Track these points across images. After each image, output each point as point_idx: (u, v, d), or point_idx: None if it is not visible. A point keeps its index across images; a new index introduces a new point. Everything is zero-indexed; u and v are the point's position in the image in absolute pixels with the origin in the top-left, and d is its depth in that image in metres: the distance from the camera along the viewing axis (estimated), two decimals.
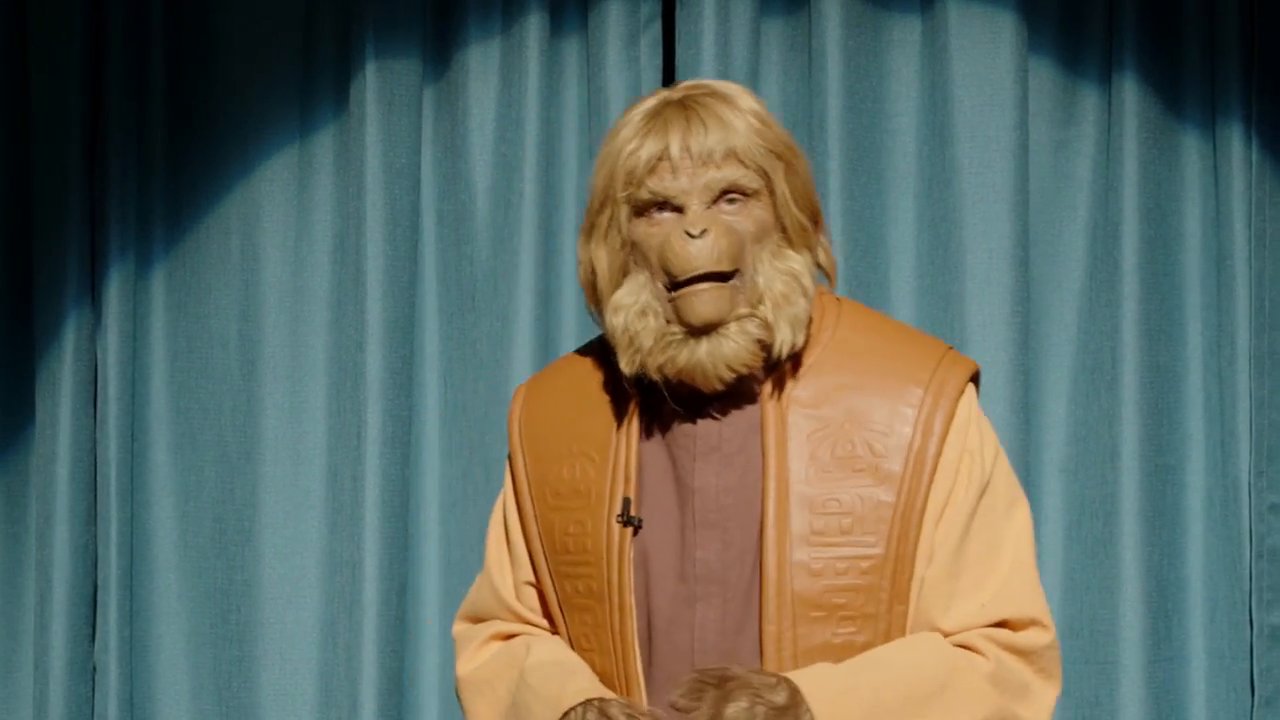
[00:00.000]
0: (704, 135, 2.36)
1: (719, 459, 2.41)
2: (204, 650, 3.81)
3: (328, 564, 3.77)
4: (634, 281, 2.39)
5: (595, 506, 2.43)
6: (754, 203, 2.38)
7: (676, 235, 2.35)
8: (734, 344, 2.35)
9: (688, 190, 2.36)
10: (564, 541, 2.46)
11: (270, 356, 3.81)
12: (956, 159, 3.70)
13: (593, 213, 2.44)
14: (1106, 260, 3.74)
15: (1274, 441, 3.75)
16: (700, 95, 2.41)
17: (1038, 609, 2.43)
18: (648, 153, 2.36)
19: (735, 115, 2.38)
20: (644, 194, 2.37)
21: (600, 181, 2.42)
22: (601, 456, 2.45)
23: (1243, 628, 3.76)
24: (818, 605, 2.36)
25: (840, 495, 2.38)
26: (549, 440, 2.50)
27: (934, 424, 2.40)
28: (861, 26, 3.72)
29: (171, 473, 3.83)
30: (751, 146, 2.37)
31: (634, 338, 2.38)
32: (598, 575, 2.41)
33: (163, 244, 3.84)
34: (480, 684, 2.53)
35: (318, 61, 3.82)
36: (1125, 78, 3.73)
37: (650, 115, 2.40)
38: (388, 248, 3.73)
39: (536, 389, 2.57)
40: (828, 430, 2.40)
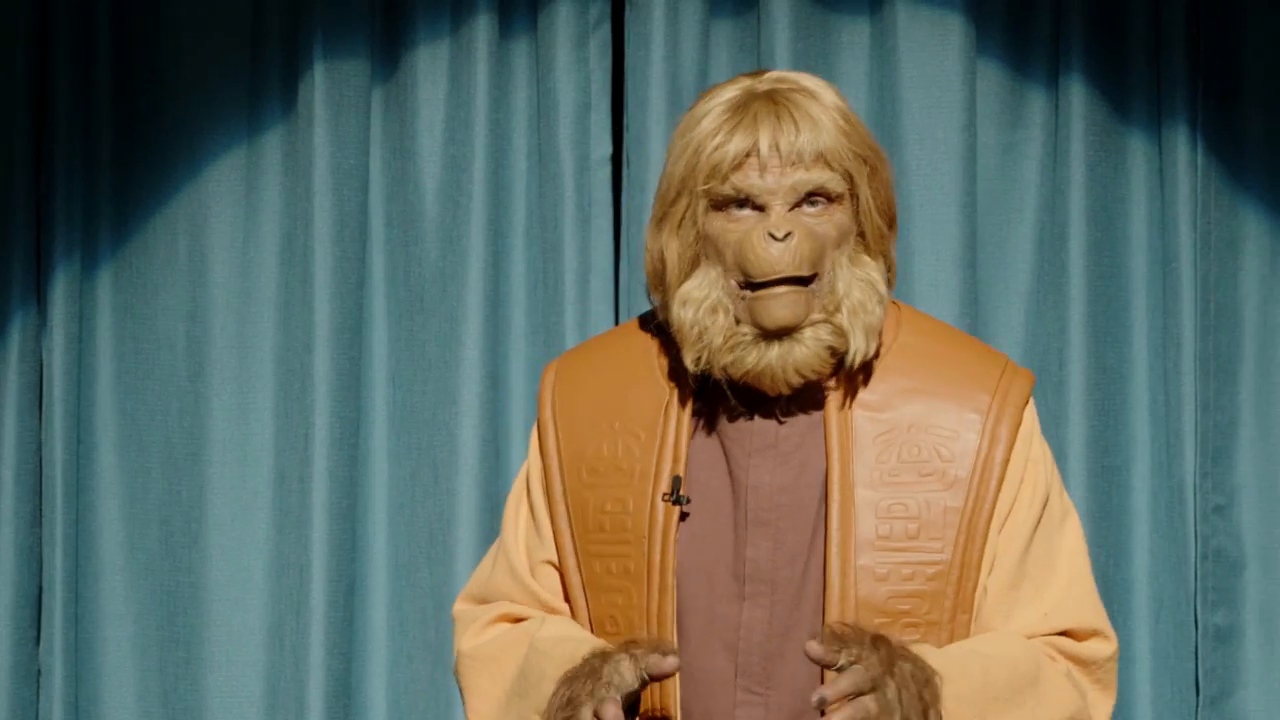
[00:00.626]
0: (795, 134, 2.29)
1: (774, 456, 2.36)
2: (150, 652, 3.79)
3: (275, 566, 3.76)
4: (705, 275, 2.34)
5: (639, 484, 2.37)
6: (837, 207, 2.33)
7: (758, 235, 2.29)
8: (806, 349, 2.30)
9: (773, 190, 2.30)
10: (599, 519, 2.39)
11: (218, 358, 3.79)
12: (905, 161, 3.71)
13: (666, 202, 2.36)
14: (1053, 262, 3.76)
15: (1219, 443, 3.77)
16: (788, 90, 2.33)
17: (1100, 620, 2.40)
18: (735, 148, 2.30)
19: (823, 114, 2.32)
20: (727, 189, 2.31)
21: (679, 170, 2.34)
22: (649, 435, 2.39)
23: (1188, 628, 3.78)
24: (882, 611, 2.32)
25: (907, 500, 2.34)
26: (587, 416, 2.44)
27: (1000, 432, 2.37)
28: (810, 29, 3.73)
29: (118, 474, 3.81)
30: (840, 149, 2.31)
31: (703, 333, 2.32)
32: (637, 554, 2.35)
33: (109, 245, 3.82)
34: (485, 659, 2.45)
35: (265, 62, 3.81)
36: (1072, 80, 3.75)
37: (736, 107, 2.33)
38: (336, 249, 3.72)
39: (572, 364, 2.51)
40: (894, 434, 2.36)
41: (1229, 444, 3.78)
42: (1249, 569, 3.79)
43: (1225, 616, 3.77)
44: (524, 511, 2.49)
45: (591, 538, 2.40)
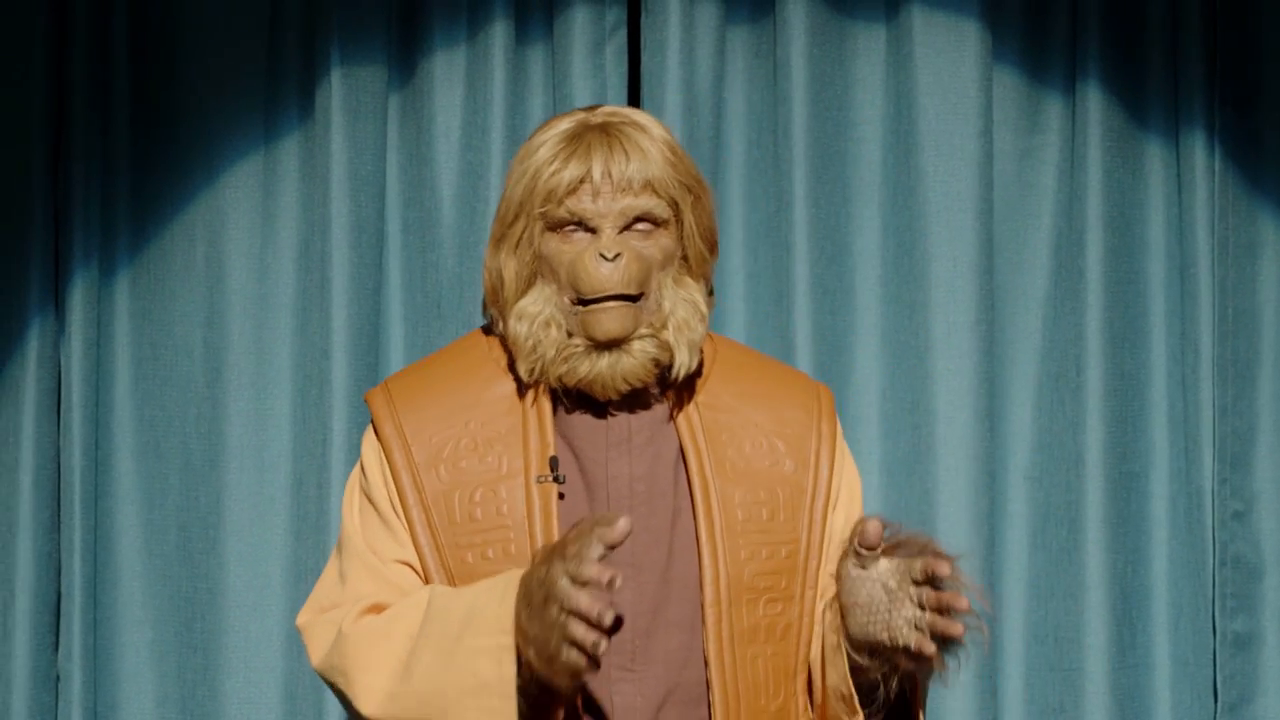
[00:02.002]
0: (625, 163, 2.50)
1: (629, 450, 2.54)
2: (168, 658, 3.80)
3: (292, 572, 3.76)
4: (540, 292, 2.54)
5: (509, 477, 2.53)
6: (662, 232, 2.54)
7: (590, 256, 2.49)
8: (633, 360, 2.50)
9: (604, 214, 2.50)
10: (468, 510, 2.53)
11: (235, 364, 3.80)
12: (921, 167, 3.71)
13: (505, 223, 2.56)
14: (1070, 268, 3.75)
15: (1237, 449, 3.76)
16: (620, 124, 2.54)
17: None
18: (570, 174, 2.50)
19: (652, 145, 2.53)
20: (562, 212, 2.51)
21: (517, 194, 2.54)
22: (510, 428, 2.56)
23: (1206, 634, 3.77)
24: (749, 588, 2.52)
25: (759, 489, 2.56)
26: (436, 422, 2.58)
27: (823, 427, 2.63)
28: (826, 34, 3.73)
29: (135, 480, 3.81)
30: (666, 178, 2.52)
31: (537, 345, 2.52)
32: (519, 537, 2.50)
33: (127, 251, 3.83)
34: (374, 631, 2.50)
35: (283, 68, 3.81)
36: (1089, 86, 3.74)
37: (571, 137, 2.53)
38: (353, 255, 3.72)
39: (404, 382, 2.65)
40: (736, 429, 2.59)
41: (1247, 450, 3.77)
42: (1268, 575, 3.78)
43: (1244, 623, 3.76)
44: (370, 521, 2.59)
45: (460, 529, 2.53)
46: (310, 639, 2.58)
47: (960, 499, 3.66)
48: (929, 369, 3.68)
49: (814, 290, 3.69)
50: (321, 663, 2.54)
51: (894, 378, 3.73)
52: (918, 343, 3.70)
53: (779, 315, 3.70)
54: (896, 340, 3.73)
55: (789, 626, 2.53)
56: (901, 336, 3.72)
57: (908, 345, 3.71)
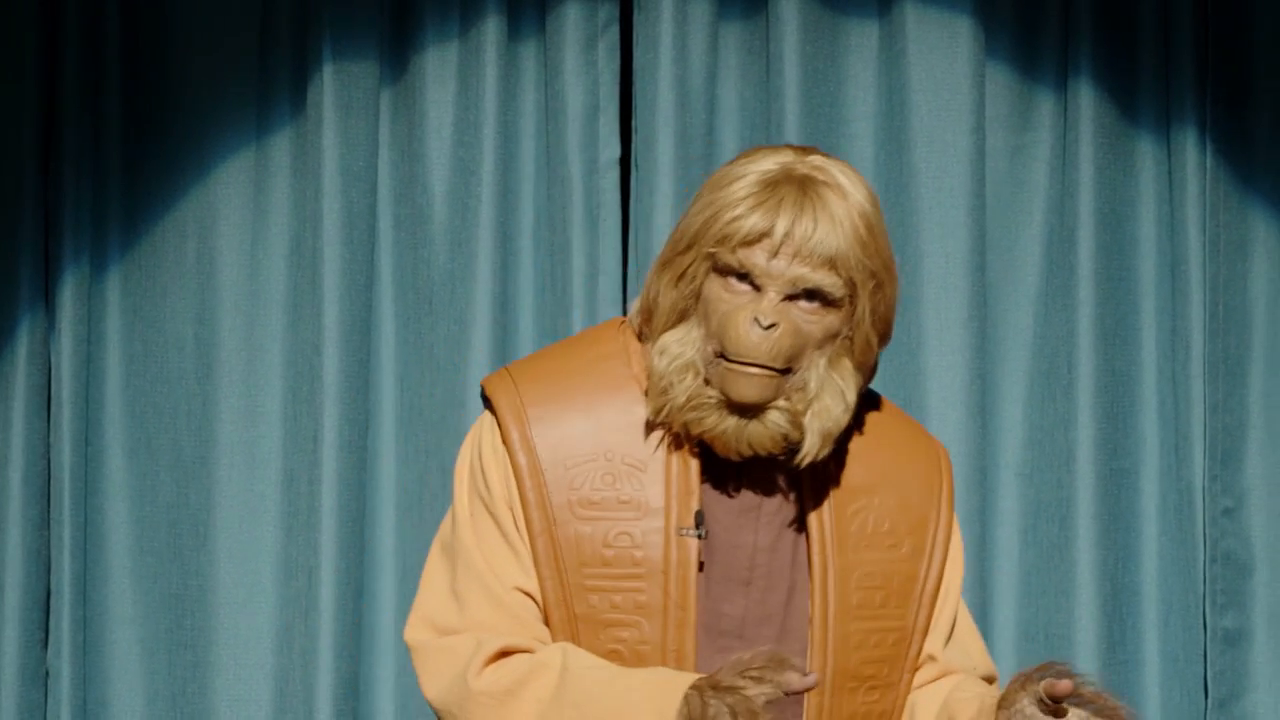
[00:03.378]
0: (812, 229, 2.31)
1: (756, 518, 2.40)
2: (158, 655, 3.79)
3: (283, 568, 3.76)
4: (687, 333, 2.37)
5: (650, 518, 2.38)
6: (831, 312, 2.35)
7: (745, 316, 2.32)
8: (762, 429, 2.33)
9: (774, 276, 2.32)
10: (600, 553, 2.37)
11: (226, 360, 3.79)
12: (914, 164, 3.71)
13: (676, 250, 2.39)
14: (1062, 265, 3.76)
15: (1228, 446, 3.77)
16: (821, 183, 2.34)
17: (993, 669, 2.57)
18: (752, 225, 2.32)
19: (848, 218, 2.33)
20: (732, 260, 2.33)
21: (695, 225, 2.36)
22: (654, 473, 2.39)
23: (1197, 631, 3.78)
24: (855, 676, 2.40)
25: (874, 569, 2.42)
26: (572, 444, 2.42)
27: (943, 508, 2.49)
28: (819, 31, 3.73)
29: (126, 477, 3.80)
30: (851, 258, 2.33)
31: (669, 389, 2.35)
32: (653, 587, 2.36)
33: (118, 247, 3.82)
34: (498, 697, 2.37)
35: (274, 64, 3.81)
36: (1081, 84, 3.75)
37: (768, 184, 2.34)
38: (344, 251, 3.71)
39: (534, 383, 2.46)
40: (862, 504, 2.43)
41: (1238, 447, 3.78)
42: (1258, 572, 3.79)
43: (1234, 619, 3.77)
44: (488, 534, 2.43)
45: (589, 569, 2.38)
46: (425, 664, 2.42)
47: None
48: (921, 365, 3.69)
49: None
50: (438, 700, 2.39)
51: (885, 375, 3.73)
52: (910, 339, 3.70)
53: None
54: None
55: (884, 714, 2.43)
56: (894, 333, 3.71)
57: (899, 341, 3.71)
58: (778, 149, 2.41)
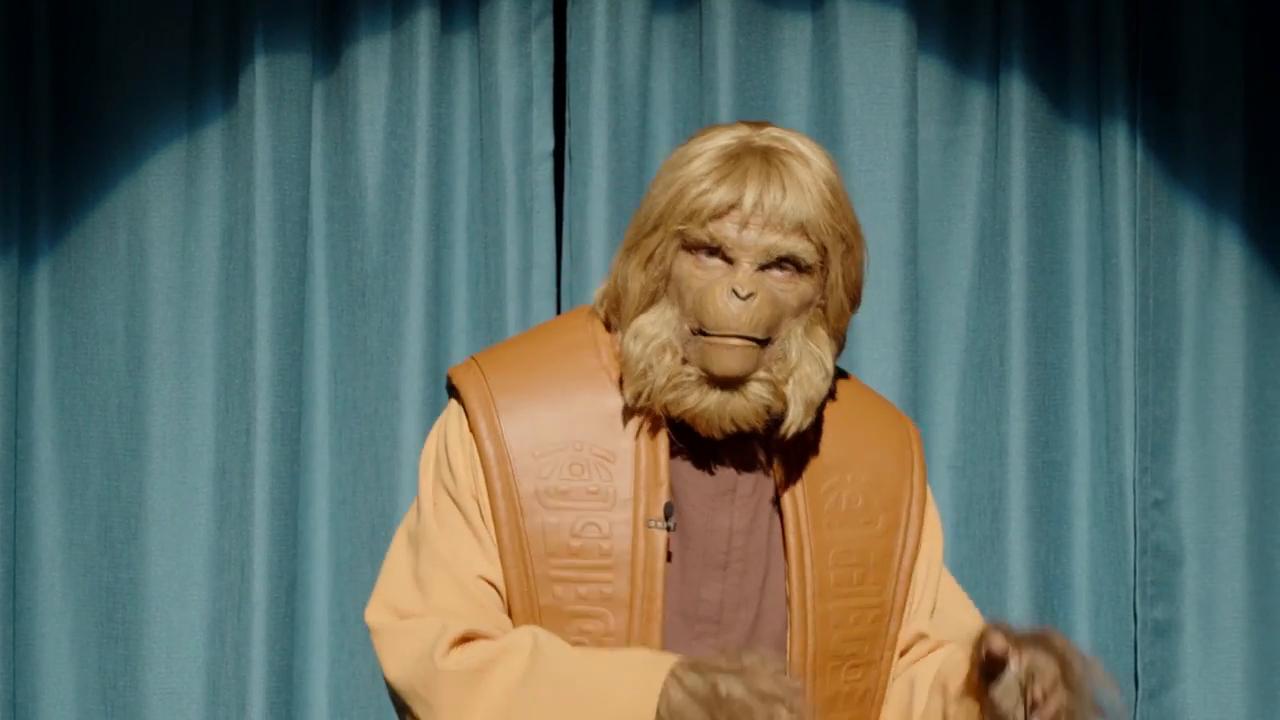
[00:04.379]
0: (780, 198, 2.30)
1: (732, 501, 2.39)
2: (89, 649, 3.77)
3: (216, 561, 3.74)
4: (661, 314, 2.35)
5: (617, 510, 2.36)
6: (804, 278, 2.34)
7: (722, 289, 2.31)
8: (745, 403, 2.32)
9: (746, 247, 2.31)
10: (566, 544, 2.36)
11: (157, 352, 3.77)
12: (846, 157, 3.72)
13: (641, 233, 2.37)
14: (994, 258, 3.77)
15: (1158, 438, 3.79)
16: (783, 151, 2.33)
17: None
18: (720, 197, 2.31)
19: (813, 182, 2.32)
20: (702, 235, 2.32)
21: (659, 205, 2.35)
22: (623, 463, 2.38)
23: (1127, 622, 3.80)
24: (836, 655, 2.38)
25: (853, 547, 2.41)
26: (540, 435, 2.40)
27: (916, 480, 2.48)
28: (752, 24, 3.74)
29: (56, 469, 3.78)
30: (821, 223, 2.32)
31: (647, 370, 2.33)
32: (620, 579, 2.34)
33: (48, 238, 3.79)
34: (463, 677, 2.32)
35: (206, 55, 3.79)
36: (1013, 77, 3.76)
37: (729, 157, 2.33)
38: (277, 243, 3.70)
39: (501, 372, 2.44)
40: (836, 481, 2.43)
41: (1168, 439, 3.80)
42: (1187, 564, 3.81)
43: (1164, 611, 3.80)
44: (453, 523, 2.41)
45: (555, 560, 2.36)
46: (387, 645, 2.38)
47: None
48: (853, 358, 3.70)
49: None
50: (400, 680, 2.35)
51: None
52: None
53: None
54: None
55: (867, 692, 2.41)
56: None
57: None
58: (732, 125, 2.40)
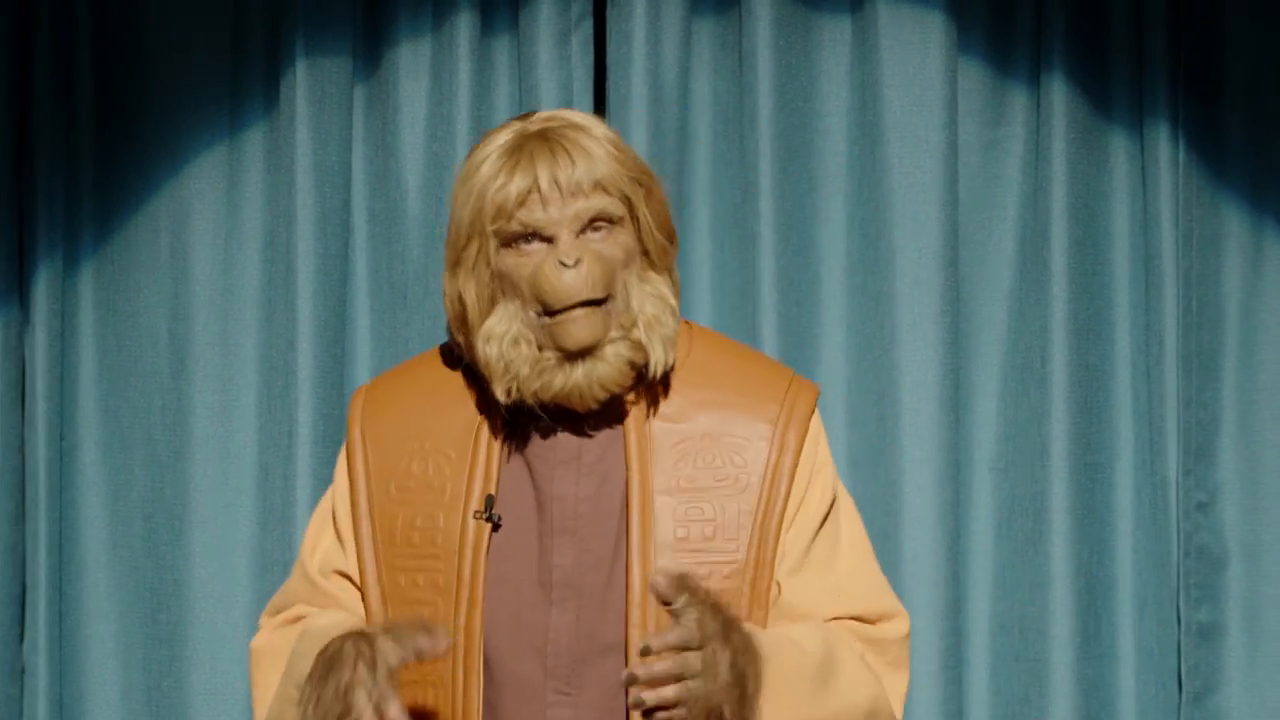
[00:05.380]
0: (571, 167, 2.44)
1: (577, 468, 2.49)
2: (134, 650, 3.80)
3: (258, 563, 3.76)
4: (504, 311, 2.47)
5: (450, 502, 2.50)
6: (619, 229, 2.48)
7: (550, 265, 2.43)
8: (608, 365, 2.45)
9: (558, 221, 2.45)
10: (408, 534, 2.50)
11: (200, 355, 3.80)
12: (886, 159, 3.71)
13: (458, 247, 2.50)
14: (1035, 260, 3.76)
15: (1202, 440, 3.77)
16: (559, 127, 2.49)
17: (890, 602, 2.58)
18: (517, 186, 2.44)
19: (595, 144, 2.47)
20: (514, 226, 2.45)
21: (466, 215, 2.48)
22: (460, 455, 2.52)
23: (1171, 625, 3.78)
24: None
25: (703, 504, 2.48)
26: (396, 436, 2.56)
27: (789, 439, 2.53)
28: (792, 26, 3.73)
29: (101, 471, 3.81)
30: (615, 175, 2.47)
31: (509, 365, 2.45)
32: (447, 569, 2.47)
33: (91, 242, 3.82)
34: (268, 653, 2.58)
35: (247, 59, 3.80)
36: (1054, 78, 3.74)
37: (511, 149, 2.47)
38: (318, 246, 3.71)
39: (382, 388, 2.63)
40: (690, 443, 2.52)
41: (1211, 441, 3.78)
42: (1231, 566, 3.79)
43: (1208, 613, 3.77)
44: (329, 528, 2.60)
45: (398, 552, 2.51)
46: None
47: (926, 491, 3.67)
48: (894, 361, 3.69)
49: (779, 282, 3.69)
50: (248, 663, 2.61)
51: (859, 369, 3.74)
52: (883, 334, 3.70)
53: (744, 307, 3.70)
54: (862, 332, 3.73)
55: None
56: (867, 328, 3.72)
57: (873, 337, 3.71)
58: (504, 125, 2.54)
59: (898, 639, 2.57)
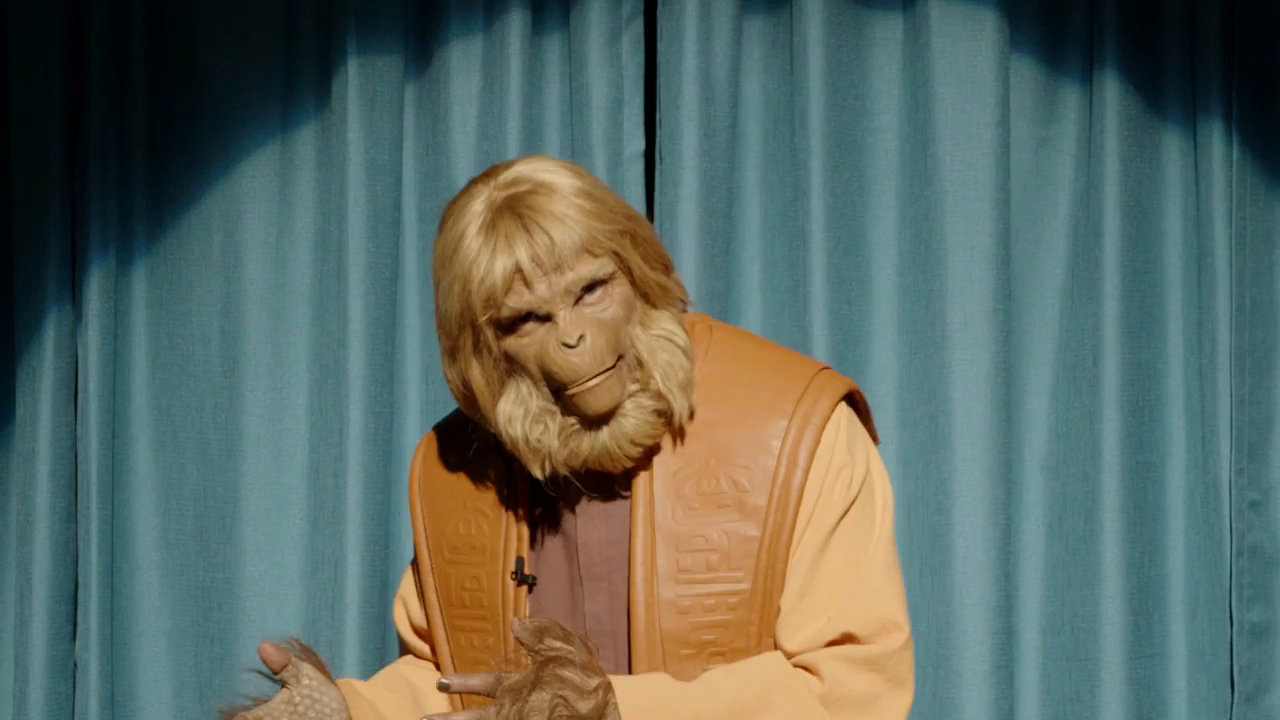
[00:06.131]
0: (549, 242, 2.34)
1: (600, 512, 2.44)
2: (185, 648, 3.81)
3: (309, 561, 3.77)
4: (516, 390, 2.40)
5: (490, 563, 2.46)
6: (614, 285, 2.39)
7: (554, 349, 2.35)
8: (633, 420, 2.38)
9: (548, 299, 2.36)
10: (460, 596, 2.48)
11: (252, 353, 3.81)
12: (938, 156, 3.70)
13: (452, 336, 2.41)
14: (1088, 258, 3.75)
15: (1254, 439, 3.76)
16: (526, 194, 2.37)
17: (886, 612, 2.44)
18: (499, 273, 2.34)
19: (568, 207, 2.36)
20: (505, 313, 2.36)
21: (455, 307, 2.39)
22: (495, 513, 2.48)
23: (1223, 625, 3.77)
24: (686, 643, 2.38)
25: (707, 532, 2.40)
26: (444, 494, 2.53)
27: (798, 455, 2.42)
28: (843, 24, 3.73)
29: (153, 470, 3.82)
30: (594, 234, 2.36)
31: (538, 445, 2.39)
32: (494, 630, 2.44)
33: (144, 240, 3.83)
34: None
35: (299, 58, 3.81)
36: (1106, 75, 3.73)
37: (485, 228, 2.36)
38: (369, 244, 3.72)
39: (434, 444, 2.59)
40: (693, 467, 2.42)
41: (1264, 440, 3.76)
42: None
43: (1261, 613, 3.76)
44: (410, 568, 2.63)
45: (455, 612, 2.49)
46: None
47: (977, 489, 3.66)
48: (946, 359, 3.68)
49: (830, 280, 3.69)
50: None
51: (910, 368, 3.73)
52: (934, 333, 3.69)
53: (795, 305, 3.70)
54: (913, 330, 3.73)
55: None
56: (918, 326, 3.71)
57: (924, 335, 3.70)
58: (468, 191, 2.42)
59: (894, 651, 2.42)
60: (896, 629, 2.43)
